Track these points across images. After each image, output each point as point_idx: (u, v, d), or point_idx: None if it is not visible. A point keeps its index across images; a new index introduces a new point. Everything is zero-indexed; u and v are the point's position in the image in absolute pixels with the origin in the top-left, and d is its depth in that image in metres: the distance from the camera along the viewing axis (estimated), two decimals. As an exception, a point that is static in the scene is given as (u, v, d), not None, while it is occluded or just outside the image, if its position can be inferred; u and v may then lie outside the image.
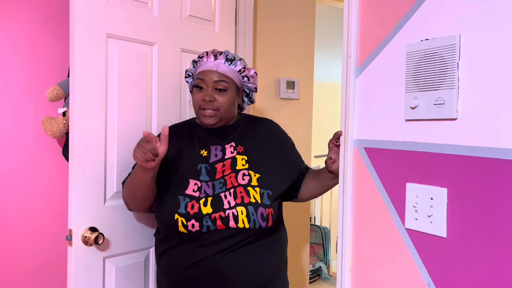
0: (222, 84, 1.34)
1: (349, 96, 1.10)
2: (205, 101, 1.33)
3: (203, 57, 1.38)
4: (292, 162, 1.44)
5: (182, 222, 1.25)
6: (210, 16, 1.75)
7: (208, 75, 1.34)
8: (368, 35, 1.06)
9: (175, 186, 1.31)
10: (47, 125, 1.72)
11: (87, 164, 1.37)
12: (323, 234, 4.12)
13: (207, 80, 1.34)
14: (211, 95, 1.33)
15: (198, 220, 1.25)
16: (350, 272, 1.10)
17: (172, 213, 1.27)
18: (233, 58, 1.37)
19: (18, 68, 1.91)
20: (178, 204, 1.27)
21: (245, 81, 1.40)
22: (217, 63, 1.35)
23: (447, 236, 0.87)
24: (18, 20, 1.90)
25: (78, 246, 1.35)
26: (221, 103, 1.34)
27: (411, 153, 0.95)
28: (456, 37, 0.85)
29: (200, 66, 1.37)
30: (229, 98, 1.35)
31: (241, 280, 1.28)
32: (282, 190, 1.36)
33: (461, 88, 0.85)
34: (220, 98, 1.34)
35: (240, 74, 1.38)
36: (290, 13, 2.28)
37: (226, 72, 1.35)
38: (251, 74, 1.40)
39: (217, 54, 1.36)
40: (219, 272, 1.27)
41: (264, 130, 1.46)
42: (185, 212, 1.26)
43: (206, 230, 1.25)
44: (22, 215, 1.93)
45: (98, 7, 1.38)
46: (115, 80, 1.44)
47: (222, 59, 1.36)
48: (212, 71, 1.34)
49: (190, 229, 1.25)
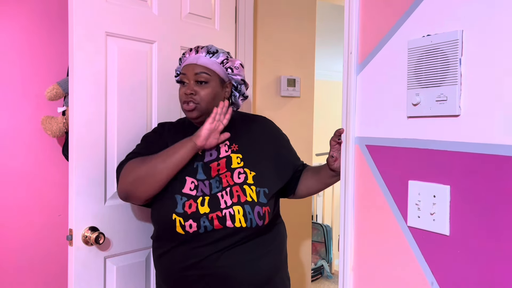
0: (202, 76, 1.33)
1: (350, 93, 1.09)
2: (186, 95, 1.33)
3: (186, 53, 1.39)
4: (287, 160, 1.43)
5: (180, 222, 1.24)
6: (210, 13, 1.74)
7: (189, 69, 1.35)
8: (369, 31, 1.05)
9: (171, 184, 1.30)
10: (46, 125, 1.71)
11: (87, 163, 1.36)
12: (325, 232, 4.11)
13: (188, 74, 1.34)
14: (192, 88, 1.33)
15: (196, 220, 1.24)
16: (353, 270, 1.09)
17: (169, 212, 1.25)
18: (216, 51, 1.37)
19: (17, 68, 1.91)
20: (175, 203, 1.26)
21: (230, 73, 1.39)
22: (197, 56, 1.36)
23: (450, 234, 0.86)
24: (16, 19, 1.90)
25: (79, 246, 1.35)
26: (202, 96, 1.33)
27: (413, 150, 0.94)
28: (458, 32, 0.84)
29: (184, 61, 1.39)
30: (211, 91, 1.34)
31: (240, 278, 1.27)
32: (278, 187, 1.36)
33: (463, 84, 0.84)
34: (201, 90, 1.33)
35: (223, 66, 1.37)
36: (290, 11, 2.26)
37: (207, 64, 1.35)
38: (235, 65, 1.39)
39: (199, 48, 1.37)
40: (217, 272, 1.26)
41: (258, 127, 1.45)
42: (183, 212, 1.24)
43: (203, 231, 1.24)
44: (22, 215, 1.92)
45: (97, 5, 1.37)
46: (115, 79, 1.43)
47: (203, 52, 1.36)
48: (192, 64, 1.35)
49: (187, 229, 1.24)
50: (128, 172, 1.28)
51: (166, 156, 1.27)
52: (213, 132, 1.31)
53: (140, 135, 1.47)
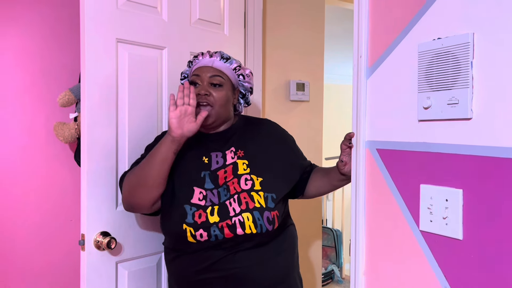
0: (217, 79, 1.34)
1: (360, 97, 1.09)
2: (200, 95, 1.32)
3: (198, 56, 1.39)
4: (294, 162, 1.43)
5: (191, 231, 1.24)
6: (219, 19, 1.75)
7: (203, 71, 1.35)
8: (378, 35, 1.05)
9: (180, 195, 1.30)
10: (59, 131, 1.73)
11: (98, 169, 1.38)
12: (335, 236, 4.09)
13: (202, 76, 1.34)
14: (206, 89, 1.33)
15: (206, 230, 1.24)
16: (364, 275, 1.08)
17: (179, 223, 1.25)
18: (229, 57, 1.38)
19: (30, 75, 1.94)
20: (185, 213, 1.26)
21: (241, 80, 1.40)
22: (212, 59, 1.36)
23: (463, 238, 0.85)
24: (28, 27, 1.93)
25: (91, 251, 1.36)
26: (216, 98, 1.33)
27: (425, 154, 0.93)
28: (469, 35, 0.84)
29: (196, 64, 1.39)
30: (224, 94, 1.35)
31: (255, 278, 1.28)
32: (286, 191, 1.36)
33: (475, 87, 0.83)
34: (215, 93, 1.33)
35: (235, 72, 1.39)
36: (299, 15, 2.27)
37: (222, 68, 1.36)
38: (246, 73, 1.40)
39: (213, 53, 1.38)
40: (232, 273, 1.27)
41: (263, 131, 1.45)
42: (193, 222, 1.24)
43: (214, 239, 1.24)
44: (34, 220, 1.95)
45: (108, 12, 1.39)
46: (126, 85, 1.44)
47: (217, 56, 1.37)
48: (207, 66, 1.35)
49: (198, 239, 1.24)
50: (124, 183, 1.31)
51: (149, 157, 1.27)
52: (185, 117, 1.23)
53: (150, 140, 1.48)
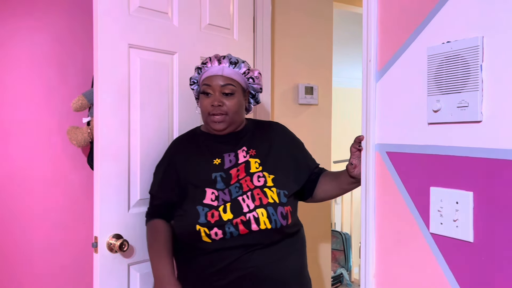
0: (229, 88, 1.35)
1: (370, 100, 1.10)
2: (213, 106, 1.34)
3: (207, 62, 1.39)
4: (301, 162, 1.45)
5: (205, 231, 1.25)
6: (229, 24, 1.78)
7: (214, 80, 1.35)
8: (388, 39, 1.06)
9: (192, 197, 1.31)
10: (72, 135, 1.76)
11: (111, 172, 1.40)
12: (344, 240, 4.07)
13: (213, 85, 1.35)
14: (219, 99, 1.34)
15: (221, 228, 1.25)
16: (374, 278, 1.09)
17: (193, 224, 1.26)
18: (237, 61, 1.38)
19: (44, 80, 1.97)
20: (197, 214, 1.27)
21: (251, 83, 1.41)
22: (221, 67, 1.36)
23: (474, 240, 0.86)
24: (42, 33, 1.96)
25: (104, 253, 1.38)
26: (229, 107, 1.35)
27: (435, 156, 0.94)
28: (478, 38, 0.84)
29: (205, 72, 1.39)
30: (237, 102, 1.36)
31: (272, 276, 1.30)
32: (295, 190, 1.38)
33: (485, 90, 0.84)
34: (228, 102, 1.35)
35: (245, 76, 1.39)
36: (307, 19, 2.28)
37: (232, 75, 1.36)
38: (255, 75, 1.41)
39: (220, 58, 1.38)
40: (250, 273, 1.28)
41: (272, 133, 1.47)
42: (206, 222, 1.26)
43: (229, 237, 1.25)
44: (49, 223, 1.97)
45: (120, 19, 1.42)
46: (138, 89, 1.47)
47: (226, 62, 1.37)
48: (217, 75, 1.36)
49: (213, 237, 1.25)
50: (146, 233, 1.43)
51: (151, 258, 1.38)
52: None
53: (162, 144, 1.51)
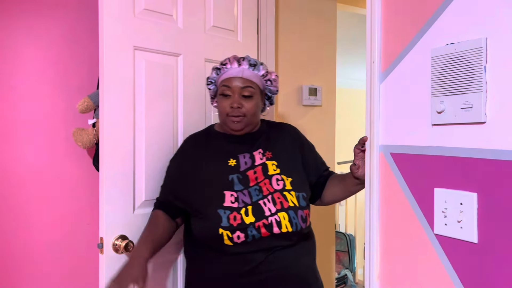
0: (248, 90, 1.35)
1: (373, 101, 1.10)
2: (233, 108, 1.34)
3: (227, 63, 1.38)
4: (312, 164, 1.47)
5: (228, 235, 1.24)
6: (233, 26, 1.78)
7: (234, 82, 1.35)
8: (391, 40, 1.06)
9: (211, 200, 1.30)
10: (77, 136, 1.77)
11: (116, 174, 1.41)
12: (348, 241, 4.07)
13: (233, 87, 1.35)
14: (239, 101, 1.34)
15: (243, 231, 1.24)
16: (378, 279, 1.09)
17: (215, 228, 1.25)
18: (256, 63, 1.38)
19: (50, 82, 1.99)
20: (219, 218, 1.26)
21: (268, 85, 1.42)
22: (241, 69, 1.36)
23: (479, 241, 0.86)
24: (48, 35, 1.98)
25: (109, 254, 1.38)
26: (248, 109, 1.35)
27: (439, 157, 0.94)
28: (482, 40, 0.84)
29: (225, 73, 1.38)
30: (255, 104, 1.37)
31: (292, 277, 1.32)
32: (310, 192, 1.41)
33: (489, 91, 0.84)
34: (246, 104, 1.35)
35: (263, 78, 1.40)
36: (311, 21, 2.29)
37: (251, 77, 1.36)
38: (273, 78, 1.42)
39: (240, 60, 1.38)
40: (274, 274, 1.29)
41: (286, 134, 1.48)
42: (229, 225, 1.24)
43: (251, 239, 1.25)
44: (54, 224, 1.99)
45: (125, 21, 1.43)
46: (143, 91, 1.48)
47: (245, 64, 1.37)
48: (237, 77, 1.36)
49: (235, 241, 1.24)
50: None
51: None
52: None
53: (167, 145, 1.52)
